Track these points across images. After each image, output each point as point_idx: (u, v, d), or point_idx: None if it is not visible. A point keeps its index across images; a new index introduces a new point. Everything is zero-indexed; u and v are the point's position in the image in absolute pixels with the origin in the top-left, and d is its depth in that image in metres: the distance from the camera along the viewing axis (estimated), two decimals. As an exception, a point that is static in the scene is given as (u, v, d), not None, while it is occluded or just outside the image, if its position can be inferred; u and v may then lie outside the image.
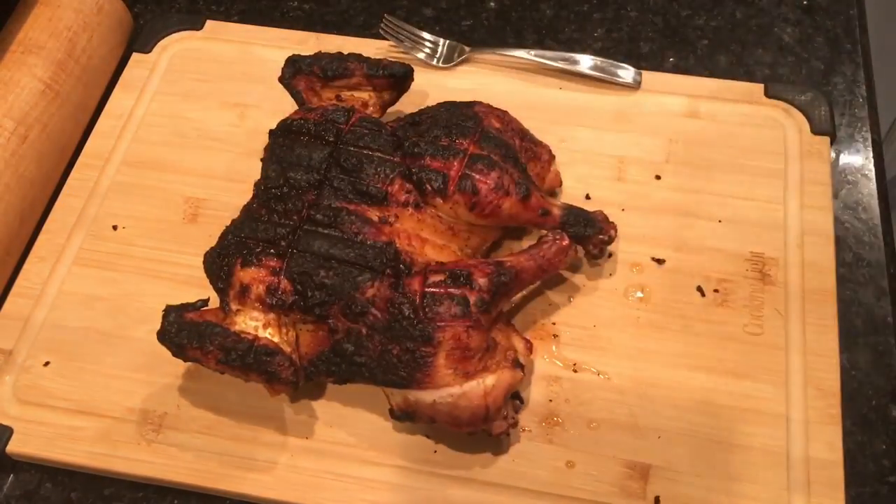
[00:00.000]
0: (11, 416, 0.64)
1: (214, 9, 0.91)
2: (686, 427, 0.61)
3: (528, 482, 0.60)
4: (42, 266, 0.71)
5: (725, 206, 0.71)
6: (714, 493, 0.59)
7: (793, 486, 0.59)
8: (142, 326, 0.67)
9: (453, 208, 0.62)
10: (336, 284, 0.58)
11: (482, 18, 0.88)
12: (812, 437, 0.60)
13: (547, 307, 0.67)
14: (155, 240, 0.72)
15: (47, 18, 0.78)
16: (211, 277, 0.62)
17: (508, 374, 0.57)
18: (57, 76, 0.76)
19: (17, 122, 0.72)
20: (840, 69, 0.82)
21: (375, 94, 0.70)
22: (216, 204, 0.74)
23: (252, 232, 0.61)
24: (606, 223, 0.66)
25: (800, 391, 0.62)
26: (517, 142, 0.66)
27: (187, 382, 0.65)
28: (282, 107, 0.72)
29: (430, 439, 0.62)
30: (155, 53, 0.84)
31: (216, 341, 0.57)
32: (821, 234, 0.69)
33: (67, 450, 0.63)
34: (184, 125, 0.79)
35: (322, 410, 0.63)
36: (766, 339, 0.65)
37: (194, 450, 0.62)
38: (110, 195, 0.75)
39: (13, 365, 0.66)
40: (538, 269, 0.63)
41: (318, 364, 0.60)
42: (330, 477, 0.61)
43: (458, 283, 0.58)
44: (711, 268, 0.68)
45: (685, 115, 0.76)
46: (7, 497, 0.63)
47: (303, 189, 0.62)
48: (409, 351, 0.56)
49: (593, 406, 0.63)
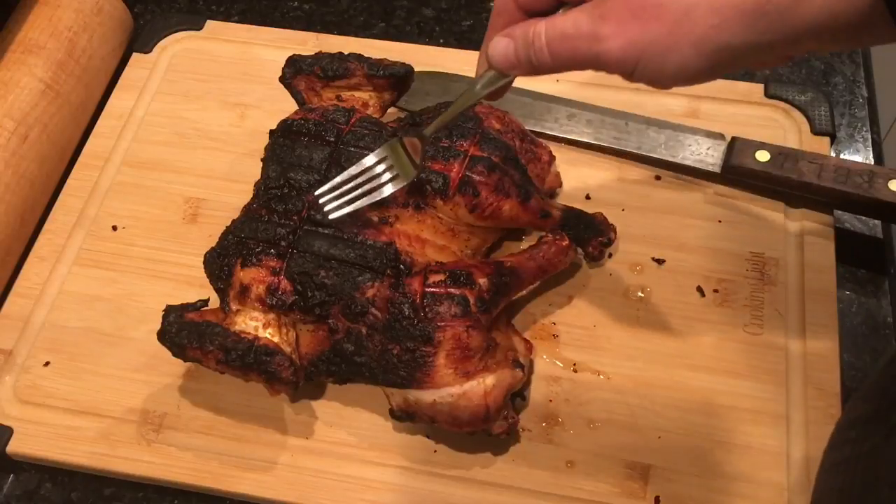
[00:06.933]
0: (11, 416, 0.64)
1: (214, 9, 0.91)
2: (686, 427, 0.61)
3: (528, 482, 0.60)
4: (42, 266, 0.71)
5: (725, 206, 0.71)
6: (714, 493, 0.59)
7: (793, 486, 0.59)
8: (142, 326, 0.67)
9: (453, 210, 0.62)
10: (336, 284, 0.59)
11: (482, 19, 0.88)
12: (812, 437, 0.60)
13: (547, 307, 0.67)
14: (155, 240, 0.72)
15: (47, 18, 0.78)
16: (211, 277, 0.62)
17: (508, 374, 0.57)
18: (57, 76, 0.76)
19: (18, 122, 0.72)
20: (840, 69, 0.82)
21: (376, 94, 0.70)
22: (216, 204, 0.74)
23: (252, 232, 0.61)
24: (606, 225, 0.66)
25: (800, 391, 0.62)
26: (517, 143, 0.66)
27: (187, 382, 0.65)
28: (282, 107, 0.72)
29: (430, 439, 0.62)
30: (155, 53, 0.84)
31: (216, 341, 0.57)
32: (821, 234, 0.69)
33: (67, 450, 0.63)
34: (184, 125, 0.79)
35: (322, 410, 0.63)
36: (766, 339, 0.65)
37: (194, 450, 0.62)
38: (110, 195, 0.75)
39: (13, 365, 0.66)
40: (538, 270, 0.63)
41: (318, 364, 0.60)
42: (330, 477, 0.61)
43: (459, 283, 0.58)
44: (711, 268, 0.68)
45: (685, 115, 0.76)
46: (7, 497, 0.63)
47: (303, 189, 0.62)
48: (409, 351, 0.56)
49: (593, 406, 0.63)
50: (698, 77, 0.45)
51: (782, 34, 0.41)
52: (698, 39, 0.42)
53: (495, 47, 0.48)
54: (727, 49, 0.43)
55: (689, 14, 0.42)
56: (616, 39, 0.44)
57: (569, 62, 0.46)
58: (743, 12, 0.41)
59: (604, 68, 0.46)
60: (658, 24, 0.43)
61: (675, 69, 0.44)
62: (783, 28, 0.41)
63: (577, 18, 0.45)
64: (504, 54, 0.48)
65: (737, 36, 0.42)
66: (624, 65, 0.45)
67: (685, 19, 0.42)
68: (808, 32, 0.41)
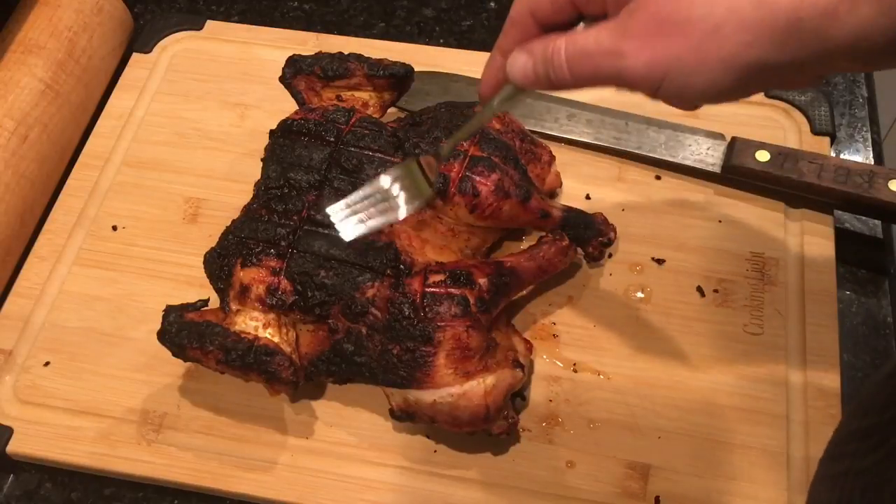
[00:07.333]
0: (11, 416, 0.64)
1: (214, 9, 0.91)
2: (686, 427, 0.61)
3: (528, 482, 0.60)
4: (42, 266, 0.71)
5: (725, 206, 0.71)
6: (714, 493, 0.59)
7: (793, 486, 0.59)
8: (142, 326, 0.67)
9: (453, 210, 0.62)
10: (336, 284, 0.59)
11: (482, 18, 0.88)
12: (812, 437, 0.60)
13: (547, 307, 0.67)
14: (155, 240, 0.72)
15: (47, 18, 0.78)
16: (211, 277, 0.62)
17: (509, 374, 0.57)
18: (57, 76, 0.76)
19: (18, 122, 0.72)
20: (840, 69, 0.82)
21: (376, 94, 0.70)
22: (216, 204, 0.74)
23: (252, 232, 0.61)
24: (606, 225, 0.66)
25: (800, 391, 0.62)
26: (517, 143, 0.66)
27: (187, 382, 0.65)
28: (282, 107, 0.72)
29: (430, 439, 0.62)
30: (155, 53, 0.84)
31: (216, 341, 0.57)
32: (821, 234, 0.69)
33: (67, 450, 0.63)
34: (184, 125, 0.79)
35: (322, 410, 0.63)
36: (766, 339, 0.65)
37: (194, 450, 0.62)
38: (110, 195, 0.75)
39: (13, 365, 0.66)
40: (538, 270, 0.63)
41: (318, 364, 0.60)
42: (330, 477, 0.61)
43: (459, 283, 0.58)
44: (711, 268, 0.68)
45: (685, 115, 0.76)
46: (7, 497, 0.63)
47: (303, 189, 0.62)
48: (409, 351, 0.56)
49: (593, 406, 0.63)
50: (727, 95, 0.43)
51: (815, 53, 0.40)
52: (727, 57, 0.41)
53: (514, 63, 0.48)
54: (757, 67, 0.41)
55: (717, 30, 0.41)
56: (640, 56, 0.43)
57: (590, 79, 0.45)
58: (774, 29, 0.40)
59: (627, 86, 0.45)
60: (685, 40, 0.42)
61: (703, 87, 0.43)
62: (816, 47, 0.40)
63: (598, 35, 0.44)
64: (523, 71, 0.47)
65: (767, 53, 0.41)
66: (648, 82, 0.44)
67: (713, 36, 0.41)
68: (842, 52, 0.40)
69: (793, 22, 0.40)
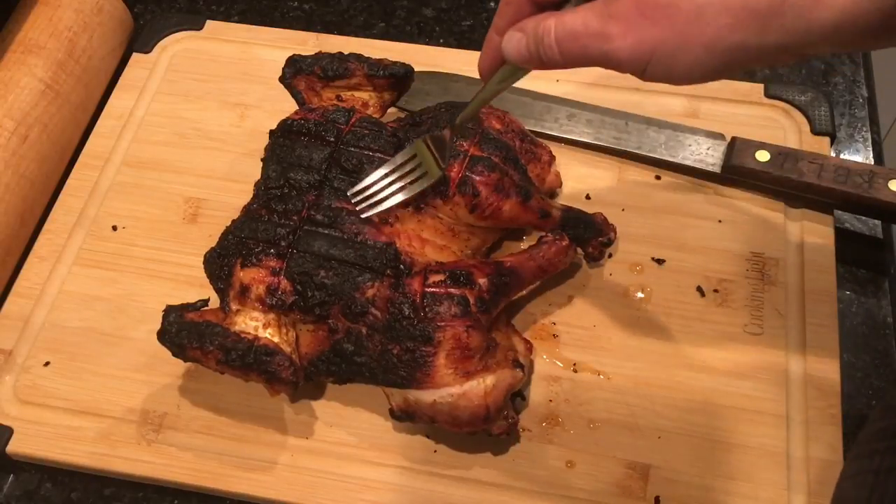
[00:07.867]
0: (11, 416, 0.64)
1: (214, 9, 0.91)
2: (686, 427, 0.61)
3: (528, 482, 0.60)
4: (42, 266, 0.71)
5: (725, 206, 0.71)
6: (714, 493, 0.59)
7: (793, 486, 0.59)
8: (142, 326, 0.67)
9: (453, 210, 0.62)
10: (336, 284, 0.59)
11: (482, 19, 0.88)
12: (812, 437, 0.60)
13: (547, 307, 0.67)
14: (155, 240, 0.72)
15: (47, 18, 0.78)
16: (211, 277, 0.62)
17: (509, 374, 0.57)
18: (57, 76, 0.76)
19: (18, 122, 0.72)
20: (840, 69, 0.82)
21: (376, 94, 0.70)
22: (216, 204, 0.74)
23: (252, 232, 0.61)
24: (606, 225, 0.66)
25: (800, 391, 0.62)
26: (517, 143, 0.66)
27: (187, 382, 0.65)
28: (282, 107, 0.72)
29: (430, 439, 0.62)
30: (155, 53, 0.84)
31: (216, 341, 0.57)
32: (821, 234, 0.69)
33: (67, 450, 0.63)
34: (184, 125, 0.79)
35: (322, 410, 0.63)
36: (766, 339, 0.65)
37: (194, 450, 0.62)
38: (110, 195, 0.75)
39: (13, 365, 0.66)
40: (538, 270, 0.63)
41: (318, 364, 0.60)
42: (330, 477, 0.61)
43: (458, 283, 0.58)
44: (711, 268, 0.68)
45: (685, 115, 0.76)
46: (7, 497, 0.63)
47: (303, 189, 0.62)
48: (409, 351, 0.56)
49: (593, 406, 0.63)
50: (710, 76, 0.45)
51: (797, 36, 0.41)
52: (710, 40, 0.42)
53: (509, 41, 0.48)
54: (739, 49, 0.42)
55: (700, 14, 0.42)
56: (625, 39, 0.44)
57: (579, 59, 0.46)
58: (756, 13, 0.41)
59: (614, 67, 0.46)
60: (669, 23, 0.43)
61: (687, 68, 0.44)
62: (799, 30, 0.41)
63: (585, 16, 0.45)
64: (517, 48, 0.48)
65: (750, 36, 0.42)
66: (634, 64, 0.45)
67: (697, 19, 0.42)
68: (825, 35, 0.40)
69: (776, 5, 0.40)
